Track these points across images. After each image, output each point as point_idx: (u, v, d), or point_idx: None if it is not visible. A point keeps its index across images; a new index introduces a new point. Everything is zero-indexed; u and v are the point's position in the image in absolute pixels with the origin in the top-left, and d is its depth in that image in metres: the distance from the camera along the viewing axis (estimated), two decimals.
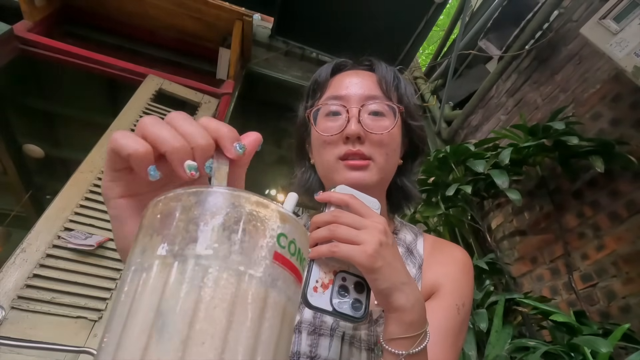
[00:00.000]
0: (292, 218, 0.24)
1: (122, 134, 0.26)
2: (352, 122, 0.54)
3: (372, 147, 0.55)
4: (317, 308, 0.37)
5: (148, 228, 0.22)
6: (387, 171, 0.57)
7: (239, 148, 0.27)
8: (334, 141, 0.55)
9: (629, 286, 1.40)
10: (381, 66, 0.62)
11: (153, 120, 0.26)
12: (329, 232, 0.38)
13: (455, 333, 0.50)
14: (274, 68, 2.81)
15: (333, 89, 0.60)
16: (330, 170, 0.56)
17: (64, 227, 1.38)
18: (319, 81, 0.63)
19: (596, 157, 1.48)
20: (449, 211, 1.93)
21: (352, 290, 0.40)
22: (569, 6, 2.08)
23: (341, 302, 0.38)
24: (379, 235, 0.37)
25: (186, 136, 0.25)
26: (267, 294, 0.20)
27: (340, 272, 0.40)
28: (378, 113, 0.56)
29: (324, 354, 0.47)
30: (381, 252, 0.36)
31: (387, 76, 0.60)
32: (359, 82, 0.58)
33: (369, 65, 0.63)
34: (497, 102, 2.52)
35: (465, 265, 0.58)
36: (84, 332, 1.21)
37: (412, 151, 0.65)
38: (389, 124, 0.56)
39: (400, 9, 2.51)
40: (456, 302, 0.52)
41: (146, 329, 0.18)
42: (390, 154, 0.56)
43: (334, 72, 0.63)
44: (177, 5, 2.22)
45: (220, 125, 0.27)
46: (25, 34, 1.95)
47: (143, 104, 1.91)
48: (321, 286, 0.39)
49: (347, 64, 0.64)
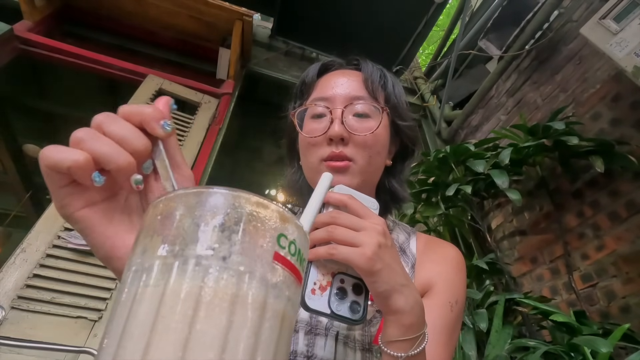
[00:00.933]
0: (292, 219, 0.24)
1: (53, 149, 0.24)
2: (335, 124, 0.54)
3: (355, 148, 0.54)
4: (315, 311, 0.37)
5: (148, 229, 0.22)
6: (370, 173, 0.56)
7: (166, 126, 0.27)
8: (318, 143, 0.55)
9: (629, 286, 1.40)
10: (367, 65, 0.61)
11: (87, 134, 0.25)
12: (327, 234, 0.37)
13: (449, 330, 0.50)
14: (274, 68, 2.81)
15: (319, 89, 0.59)
16: (313, 171, 0.56)
17: (64, 227, 1.38)
18: (306, 82, 0.63)
19: (596, 157, 1.48)
20: (449, 211, 1.93)
21: (350, 293, 0.39)
22: (569, 6, 2.08)
23: (339, 305, 0.38)
24: (377, 237, 0.37)
25: (123, 143, 0.25)
26: (267, 294, 0.20)
27: (339, 274, 0.40)
28: (362, 114, 0.56)
29: (320, 354, 0.47)
30: (380, 254, 0.36)
31: (373, 75, 0.59)
32: (344, 83, 0.58)
33: (357, 65, 0.63)
34: (497, 102, 2.52)
35: (458, 263, 0.58)
36: (84, 332, 1.21)
37: (402, 152, 0.64)
38: (373, 124, 0.55)
39: (400, 9, 2.51)
40: (449, 300, 0.52)
41: (147, 329, 0.18)
42: (374, 156, 0.56)
43: (321, 72, 0.63)
44: (177, 6, 2.22)
45: (141, 108, 0.27)
46: (25, 34, 1.95)
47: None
48: (319, 288, 0.38)
49: (335, 63, 0.64)
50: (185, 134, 1.92)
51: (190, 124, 1.98)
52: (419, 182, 2.04)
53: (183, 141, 1.89)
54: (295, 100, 0.65)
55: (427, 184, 2.02)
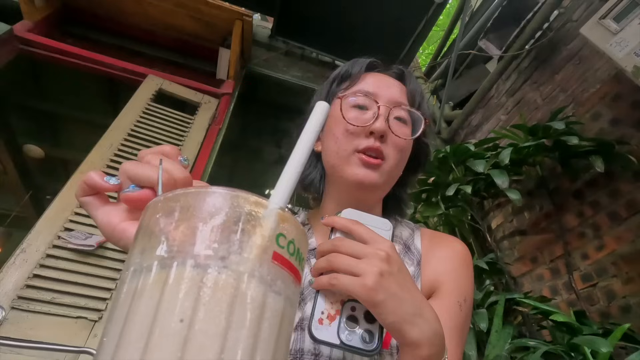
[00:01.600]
0: (291, 218, 0.24)
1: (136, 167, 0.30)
2: (381, 119, 0.54)
3: (390, 148, 0.55)
4: (323, 342, 0.36)
5: (147, 228, 0.22)
6: (393, 176, 0.57)
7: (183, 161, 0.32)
8: (356, 132, 0.55)
9: (629, 286, 1.40)
10: (412, 79, 0.63)
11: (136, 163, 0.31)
12: (327, 264, 0.36)
13: (460, 330, 0.50)
14: (274, 68, 2.81)
15: (365, 84, 0.60)
16: (343, 160, 0.55)
17: (64, 227, 1.38)
18: (351, 72, 0.63)
19: (596, 157, 1.48)
20: (449, 211, 1.93)
21: (362, 321, 0.37)
22: (569, 6, 2.08)
23: (350, 334, 0.36)
24: (379, 264, 0.35)
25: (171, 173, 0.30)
26: (266, 293, 0.20)
27: (349, 301, 0.38)
28: (403, 120, 0.58)
29: (327, 352, 0.47)
30: (382, 283, 0.34)
31: (416, 90, 0.61)
32: (390, 86, 0.59)
33: (399, 74, 0.64)
34: (497, 102, 2.52)
35: (465, 258, 0.58)
36: (84, 332, 1.21)
37: (413, 165, 0.66)
38: (410, 132, 0.58)
39: (400, 9, 2.51)
40: (458, 299, 0.52)
41: (145, 329, 0.18)
42: (402, 161, 0.58)
43: (367, 69, 0.64)
44: (177, 5, 2.22)
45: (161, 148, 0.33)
46: (25, 34, 1.95)
47: (143, 104, 1.91)
48: (327, 317, 0.37)
49: (379, 65, 0.65)
50: (185, 134, 1.92)
51: (190, 124, 1.98)
52: (419, 182, 2.04)
53: (183, 141, 1.89)
54: (333, 85, 0.64)
55: (427, 184, 2.02)
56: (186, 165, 0.32)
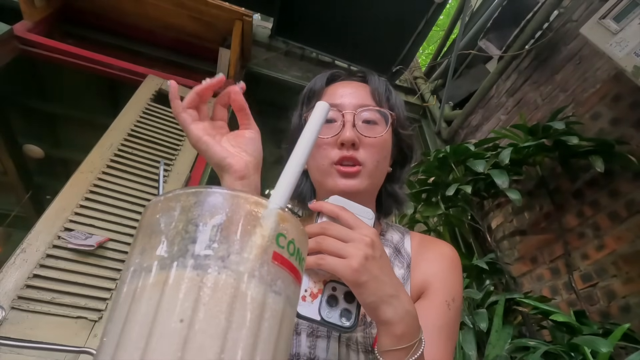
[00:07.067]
0: (291, 218, 0.24)
1: None
2: (347, 128, 0.56)
3: (365, 152, 0.57)
4: (305, 317, 0.38)
5: (147, 228, 0.22)
6: (377, 177, 0.59)
7: None
8: (328, 145, 0.57)
9: (629, 286, 1.40)
10: (374, 78, 0.65)
11: None
12: (316, 245, 0.38)
13: (448, 329, 0.51)
14: (274, 68, 2.81)
15: (328, 97, 0.62)
16: (323, 174, 0.57)
17: (64, 227, 1.38)
18: (314, 89, 0.66)
19: (596, 157, 1.48)
20: (449, 211, 1.93)
21: (341, 300, 0.40)
22: (569, 6, 2.08)
23: (330, 312, 0.39)
24: (365, 249, 0.37)
25: None
26: (266, 294, 0.20)
27: (331, 282, 0.41)
28: (371, 121, 0.59)
29: (323, 356, 0.48)
30: (367, 266, 0.37)
31: (379, 87, 0.63)
32: (353, 92, 0.61)
33: (362, 77, 0.66)
34: (497, 102, 2.52)
35: (453, 260, 0.59)
36: (84, 332, 1.21)
37: (400, 159, 0.68)
38: (381, 130, 0.59)
39: (400, 9, 2.51)
40: (446, 299, 0.53)
41: (145, 329, 0.18)
42: (381, 161, 0.59)
43: (329, 81, 0.66)
44: (177, 5, 2.22)
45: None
46: (25, 34, 1.95)
47: (143, 104, 1.91)
48: (310, 295, 0.39)
49: (341, 74, 0.67)
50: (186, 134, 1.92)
51: None
52: (419, 182, 2.04)
53: (183, 141, 1.89)
54: (302, 107, 0.67)
55: (427, 184, 2.02)
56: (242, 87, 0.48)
